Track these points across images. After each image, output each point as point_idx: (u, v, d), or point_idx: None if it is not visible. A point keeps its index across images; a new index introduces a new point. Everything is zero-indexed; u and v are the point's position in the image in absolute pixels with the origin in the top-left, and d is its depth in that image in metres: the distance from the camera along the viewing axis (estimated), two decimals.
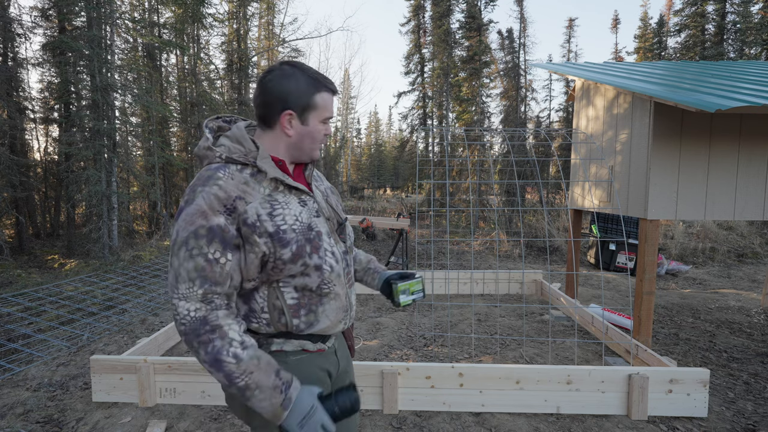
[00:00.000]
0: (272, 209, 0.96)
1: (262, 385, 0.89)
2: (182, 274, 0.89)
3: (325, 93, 1.04)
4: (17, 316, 4.37)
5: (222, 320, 0.90)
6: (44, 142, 11.99)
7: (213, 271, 0.90)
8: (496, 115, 17.58)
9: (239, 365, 0.88)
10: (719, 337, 3.78)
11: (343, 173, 31.74)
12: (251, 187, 0.96)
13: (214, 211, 0.90)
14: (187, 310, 0.89)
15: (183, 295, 0.89)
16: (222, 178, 0.93)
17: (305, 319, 1.02)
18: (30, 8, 9.11)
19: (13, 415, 2.54)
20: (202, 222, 0.89)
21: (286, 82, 0.99)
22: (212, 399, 2.60)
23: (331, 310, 1.05)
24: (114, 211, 7.86)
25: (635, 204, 3.36)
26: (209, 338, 0.88)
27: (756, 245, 8.45)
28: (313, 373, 1.06)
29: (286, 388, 0.91)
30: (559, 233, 9.85)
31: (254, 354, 0.91)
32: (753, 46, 15.78)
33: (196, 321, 0.88)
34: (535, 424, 2.40)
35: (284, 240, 0.95)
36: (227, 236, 0.91)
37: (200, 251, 0.89)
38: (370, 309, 4.74)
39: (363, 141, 45.14)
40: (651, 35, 22.75)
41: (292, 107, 1.00)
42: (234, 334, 0.90)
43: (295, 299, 1.00)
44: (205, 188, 0.92)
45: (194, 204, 0.91)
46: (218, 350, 0.88)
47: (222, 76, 13.84)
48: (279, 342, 1.02)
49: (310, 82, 1.01)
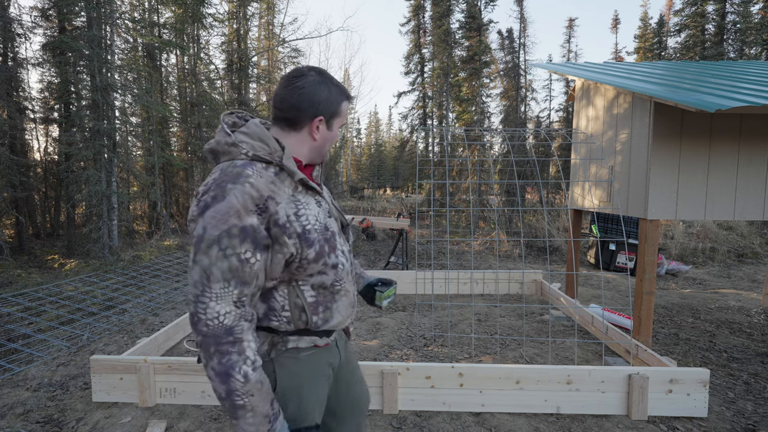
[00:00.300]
0: (297, 210, 0.98)
1: (257, 411, 0.91)
2: (215, 274, 0.88)
3: (346, 102, 1.10)
4: (17, 316, 4.37)
5: (245, 335, 0.90)
6: (44, 142, 12.00)
7: (244, 272, 0.90)
8: (496, 115, 17.59)
9: (245, 385, 0.88)
10: (719, 337, 3.78)
11: (343, 173, 31.73)
12: (277, 186, 0.96)
13: (248, 211, 0.90)
14: (216, 313, 0.88)
15: (216, 294, 0.88)
16: (252, 176, 0.92)
17: (323, 315, 1.06)
18: (30, 8, 9.11)
19: (13, 415, 2.54)
20: (236, 221, 0.88)
21: (320, 90, 1.03)
22: (212, 399, 2.60)
23: (343, 306, 1.11)
24: (114, 211, 7.86)
25: (635, 204, 3.36)
26: (228, 350, 0.88)
27: (756, 245, 8.45)
28: (322, 368, 1.11)
29: (274, 420, 0.94)
30: (559, 233, 9.85)
31: (259, 378, 0.92)
32: (753, 46, 15.78)
33: (222, 328, 0.88)
34: (535, 424, 2.40)
35: (310, 240, 0.98)
36: (258, 236, 0.91)
37: (234, 251, 0.88)
38: (370, 309, 4.74)
39: (363, 141, 45.14)
40: (651, 35, 22.75)
41: (323, 113, 1.04)
42: (250, 353, 0.91)
43: (313, 297, 1.04)
44: (237, 186, 0.90)
45: (226, 201, 0.88)
46: (232, 365, 0.88)
47: (222, 76, 13.84)
48: (294, 339, 1.05)
49: (338, 91, 1.07)
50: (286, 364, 1.04)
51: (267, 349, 1.03)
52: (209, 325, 0.88)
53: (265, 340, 1.03)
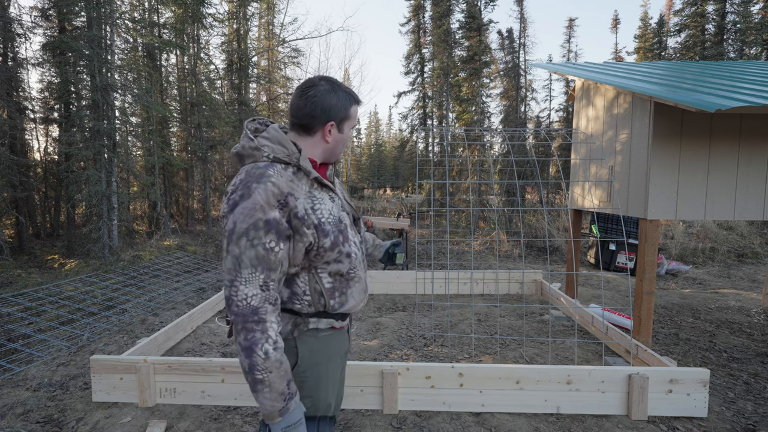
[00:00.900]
0: (313, 204, 1.11)
1: (274, 387, 1.01)
2: (245, 261, 1.01)
3: (356, 106, 1.23)
4: (17, 316, 4.37)
5: (269, 316, 1.02)
6: (44, 142, 11.99)
7: (269, 259, 1.02)
8: (496, 115, 17.58)
9: (265, 361, 0.99)
10: (719, 337, 3.78)
11: (343, 173, 31.72)
12: (296, 184, 1.09)
13: (270, 206, 1.02)
14: (245, 295, 1.01)
15: (245, 279, 1.01)
16: (273, 176, 1.05)
17: (339, 299, 1.19)
18: (30, 8, 9.10)
19: (13, 415, 2.54)
20: (260, 215, 1.01)
21: (330, 98, 1.15)
22: (212, 399, 2.60)
23: (357, 291, 1.23)
24: (114, 211, 7.86)
25: (635, 204, 3.36)
26: (252, 328, 1.00)
27: (756, 245, 8.45)
28: (338, 349, 1.24)
29: (289, 398, 1.04)
30: (559, 233, 9.85)
31: (279, 357, 1.03)
32: (753, 46, 15.77)
33: (249, 308, 1.01)
34: (535, 424, 2.40)
35: (325, 231, 1.11)
36: (281, 228, 1.04)
37: (260, 241, 1.01)
38: (370, 309, 4.74)
39: (363, 141, 45.11)
40: (651, 35, 22.75)
41: (334, 119, 1.17)
42: (272, 333, 1.02)
43: (330, 283, 1.17)
44: (260, 185, 1.03)
45: (252, 199, 1.01)
46: (255, 341, 1.00)
47: (222, 76, 13.84)
48: (314, 321, 1.18)
49: (347, 97, 1.19)
50: (307, 342, 1.17)
51: (291, 329, 1.16)
52: (239, 306, 1.01)
53: (289, 321, 1.15)
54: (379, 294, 5.36)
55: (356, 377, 2.53)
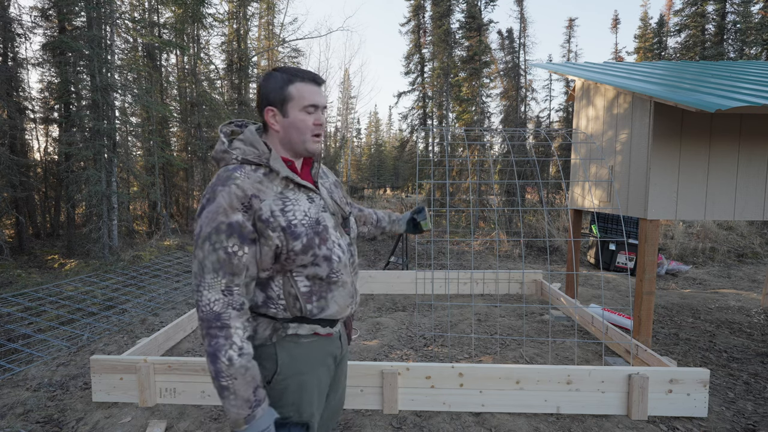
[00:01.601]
0: (284, 205, 1.06)
1: (239, 394, 0.99)
2: (207, 266, 0.99)
3: (299, 83, 1.09)
4: (17, 316, 4.37)
5: (233, 321, 0.99)
6: (44, 142, 11.99)
7: (232, 263, 1.00)
8: (496, 115, 17.57)
9: (229, 368, 0.97)
10: (719, 337, 3.78)
11: (343, 173, 31.71)
12: (265, 185, 1.06)
13: (233, 209, 1.00)
14: (208, 300, 0.99)
15: (208, 284, 0.99)
16: (239, 178, 1.03)
17: (317, 304, 1.13)
18: (30, 8, 9.10)
19: (13, 415, 2.54)
20: (223, 219, 0.99)
21: (266, 83, 1.10)
22: (212, 399, 2.60)
23: (340, 296, 1.16)
24: (114, 211, 7.86)
25: (635, 204, 3.36)
26: (216, 334, 0.98)
27: (756, 245, 8.45)
28: (322, 357, 1.18)
29: (255, 406, 1.01)
30: (559, 233, 9.85)
31: (245, 364, 0.99)
32: (753, 46, 15.77)
33: (212, 313, 0.98)
34: (535, 424, 2.40)
35: (295, 233, 1.05)
36: (245, 231, 1.01)
37: (221, 245, 0.99)
38: (370, 309, 4.74)
39: (363, 141, 45.12)
40: (651, 35, 22.74)
41: (272, 103, 1.10)
42: (237, 339, 0.99)
43: (307, 287, 1.11)
44: (225, 188, 1.01)
45: (215, 202, 1.00)
46: (219, 347, 0.97)
47: (222, 76, 13.84)
48: (294, 326, 1.12)
49: (284, 77, 1.09)
50: (287, 348, 1.12)
51: (269, 334, 1.11)
52: (203, 311, 0.99)
53: (268, 326, 1.11)
54: (379, 294, 5.36)
55: (356, 377, 2.53)
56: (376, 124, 48.23)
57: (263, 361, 1.10)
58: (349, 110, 30.58)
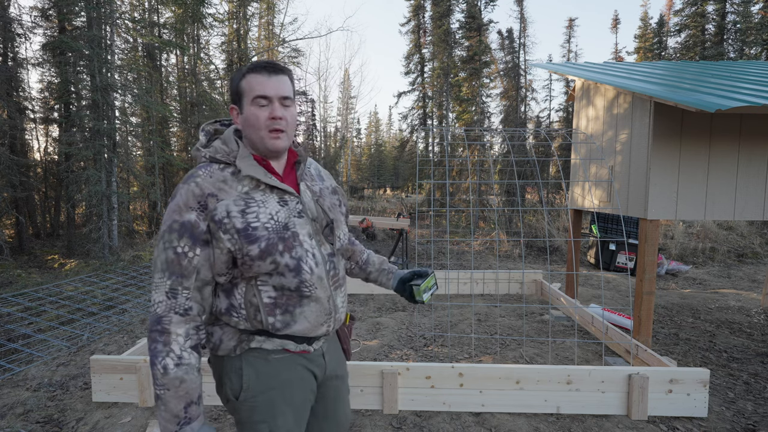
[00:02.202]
0: (246, 206, 0.98)
1: (168, 407, 0.93)
2: (158, 265, 0.96)
3: (250, 75, 1.01)
4: (17, 316, 4.37)
5: (173, 326, 0.94)
6: (44, 142, 12.00)
7: (180, 264, 0.95)
8: (496, 115, 17.58)
9: (163, 377, 0.92)
10: (719, 337, 3.78)
11: (343, 173, 31.70)
12: (228, 185, 0.99)
13: (188, 208, 0.95)
14: (154, 301, 0.95)
15: (156, 284, 0.96)
16: (201, 176, 0.98)
17: (281, 318, 1.02)
18: (30, 8, 9.11)
19: (13, 415, 2.54)
20: (176, 217, 0.95)
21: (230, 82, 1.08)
22: (212, 399, 2.60)
23: (311, 312, 1.04)
24: (114, 211, 7.86)
25: (635, 204, 3.36)
26: (155, 338, 0.94)
27: (756, 245, 8.45)
28: (296, 373, 1.07)
29: (184, 424, 0.94)
30: (559, 233, 9.85)
31: (181, 375, 0.93)
32: (753, 46, 15.77)
33: (155, 316, 0.95)
34: (535, 424, 2.40)
35: (252, 237, 0.96)
36: (196, 231, 0.96)
37: (171, 245, 0.95)
38: (370, 309, 4.74)
39: (363, 141, 45.11)
40: (651, 35, 22.75)
41: (233, 101, 1.06)
42: (176, 347, 0.93)
43: (272, 298, 1.01)
44: (184, 186, 0.97)
45: (174, 201, 0.97)
46: (156, 353, 0.93)
47: (222, 76, 13.84)
48: (260, 340, 1.04)
49: (239, 73, 1.04)
50: (254, 364, 1.04)
51: (234, 345, 1.04)
52: (150, 312, 0.96)
53: (233, 336, 1.04)
54: (379, 294, 5.36)
55: (356, 377, 2.53)
56: (376, 124, 48.23)
57: (230, 374, 1.04)
58: (349, 110, 30.58)
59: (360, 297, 5.25)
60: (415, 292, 1.28)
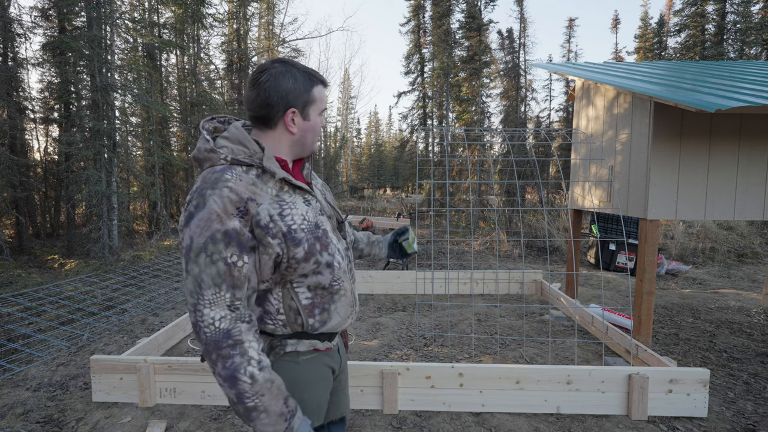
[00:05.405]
0: (281, 209, 0.96)
1: (270, 410, 0.90)
2: (206, 281, 0.88)
3: (320, 86, 1.06)
4: (17, 316, 4.37)
5: (244, 335, 0.90)
6: (44, 142, 12.01)
7: (232, 275, 0.89)
8: (496, 115, 17.60)
9: (253, 386, 0.88)
10: (719, 337, 3.78)
11: (343, 173, 31.72)
12: (259, 188, 0.95)
13: (228, 215, 0.89)
14: (212, 319, 0.88)
15: (209, 301, 0.88)
16: (231, 180, 0.92)
17: (320, 317, 1.04)
18: (30, 8, 9.11)
19: (13, 415, 2.54)
20: (218, 226, 0.88)
21: (286, 81, 0.99)
22: (212, 399, 2.60)
23: (342, 306, 1.08)
24: (114, 211, 7.86)
25: (635, 204, 3.36)
26: (229, 353, 0.88)
27: (756, 245, 8.45)
28: (322, 372, 1.09)
29: (291, 417, 0.92)
30: (559, 233, 9.85)
31: (269, 377, 0.91)
32: (753, 46, 15.78)
33: (220, 333, 0.87)
34: (535, 424, 2.40)
35: (296, 239, 0.96)
36: (243, 239, 0.90)
37: (220, 256, 0.88)
38: (370, 309, 4.74)
39: (363, 141, 45.13)
40: (651, 35, 22.75)
41: (294, 105, 1.01)
42: (253, 353, 0.90)
43: (309, 299, 1.02)
44: (216, 191, 0.89)
45: (206, 208, 0.88)
46: (236, 367, 0.87)
47: (222, 76, 13.84)
48: (293, 343, 1.04)
49: (306, 77, 1.02)
50: (285, 368, 1.03)
51: (266, 352, 1.02)
52: (207, 333, 0.87)
53: (264, 343, 1.02)
54: (379, 294, 5.36)
55: (356, 377, 2.53)
56: (376, 124, 48.23)
57: None
58: (349, 110, 30.59)
59: (360, 297, 5.25)
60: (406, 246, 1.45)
